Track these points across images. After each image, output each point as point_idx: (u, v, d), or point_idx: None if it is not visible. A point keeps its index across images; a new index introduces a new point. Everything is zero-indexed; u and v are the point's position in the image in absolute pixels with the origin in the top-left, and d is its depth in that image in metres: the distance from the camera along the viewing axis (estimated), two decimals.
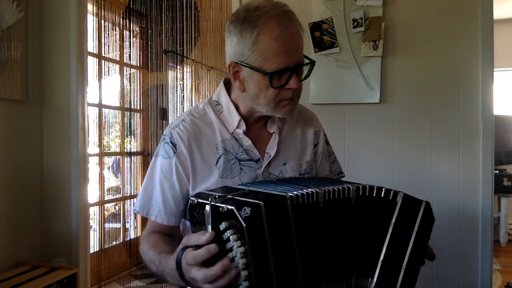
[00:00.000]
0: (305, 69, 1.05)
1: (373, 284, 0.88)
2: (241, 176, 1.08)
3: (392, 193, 0.89)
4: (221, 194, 0.83)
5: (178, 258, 0.83)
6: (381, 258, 0.88)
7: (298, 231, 0.79)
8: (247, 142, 1.10)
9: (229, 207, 0.75)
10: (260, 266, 0.74)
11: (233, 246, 0.74)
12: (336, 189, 0.87)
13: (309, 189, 0.84)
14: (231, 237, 0.74)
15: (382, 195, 0.89)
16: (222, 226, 0.76)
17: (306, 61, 1.04)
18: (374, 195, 0.89)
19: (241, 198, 0.80)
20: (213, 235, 0.78)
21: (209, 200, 0.79)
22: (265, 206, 0.75)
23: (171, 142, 1.07)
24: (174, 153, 1.06)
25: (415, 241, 0.88)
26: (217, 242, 0.77)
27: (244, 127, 1.10)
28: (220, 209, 0.77)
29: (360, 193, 0.89)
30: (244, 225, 0.72)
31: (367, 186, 0.90)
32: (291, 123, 1.19)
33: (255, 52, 0.97)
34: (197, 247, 0.79)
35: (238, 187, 0.95)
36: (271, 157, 1.11)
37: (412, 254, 0.88)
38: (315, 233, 0.84)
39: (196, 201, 0.87)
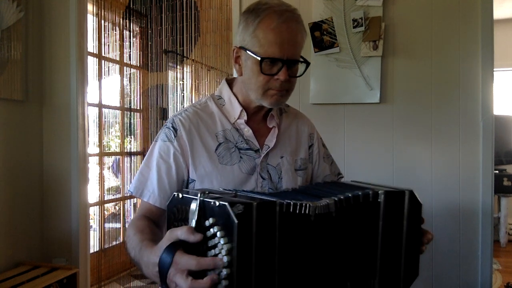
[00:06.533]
0: (301, 69, 1.11)
1: (377, 280, 0.91)
2: (241, 164, 1.12)
3: (371, 194, 0.91)
4: (210, 191, 0.83)
5: (163, 259, 0.77)
6: (378, 255, 0.91)
7: (282, 239, 0.79)
8: (248, 132, 1.15)
9: (222, 202, 0.75)
10: (243, 266, 0.74)
11: (218, 242, 0.73)
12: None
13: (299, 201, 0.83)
14: (218, 233, 0.73)
15: (361, 200, 0.90)
16: (209, 221, 0.75)
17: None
18: (352, 203, 0.90)
19: (231, 198, 0.80)
20: (201, 236, 0.75)
21: (199, 195, 0.78)
22: (257, 207, 0.75)
23: (173, 127, 1.12)
24: (175, 136, 1.11)
25: (407, 229, 0.93)
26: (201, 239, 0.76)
27: (245, 117, 1.15)
28: (212, 203, 0.76)
29: (343, 204, 0.88)
30: (236, 221, 0.72)
31: (343, 198, 0.89)
32: (287, 121, 1.26)
33: (254, 38, 1.05)
34: (184, 244, 0.77)
35: (227, 191, 0.94)
36: (270, 148, 1.16)
37: (408, 240, 0.93)
38: (301, 243, 0.83)
39: (180, 195, 0.84)
